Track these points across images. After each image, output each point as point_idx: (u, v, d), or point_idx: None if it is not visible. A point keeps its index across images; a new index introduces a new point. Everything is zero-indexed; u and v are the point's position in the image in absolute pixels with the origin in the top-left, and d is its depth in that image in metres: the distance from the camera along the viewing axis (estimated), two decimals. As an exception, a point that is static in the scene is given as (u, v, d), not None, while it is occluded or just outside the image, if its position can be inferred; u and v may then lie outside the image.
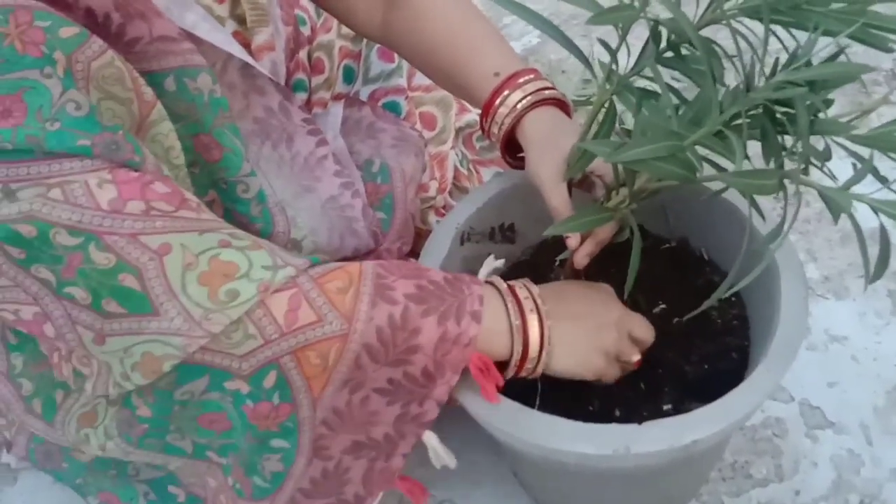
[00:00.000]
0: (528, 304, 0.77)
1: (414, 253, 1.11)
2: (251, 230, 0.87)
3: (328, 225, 0.95)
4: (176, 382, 0.71)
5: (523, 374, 0.79)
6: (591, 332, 0.80)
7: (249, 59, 0.84)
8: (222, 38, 0.81)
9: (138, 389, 0.71)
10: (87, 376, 0.73)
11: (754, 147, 0.67)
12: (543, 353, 0.77)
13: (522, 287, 0.79)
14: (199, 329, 0.67)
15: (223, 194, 0.86)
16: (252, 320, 0.69)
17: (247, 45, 0.87)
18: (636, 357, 0.82)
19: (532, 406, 0.83)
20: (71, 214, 0.65)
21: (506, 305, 0.77)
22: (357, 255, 1.01)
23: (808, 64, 0.62)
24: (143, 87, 0.73)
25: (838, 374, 1.12)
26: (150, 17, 0.74)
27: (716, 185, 0.79)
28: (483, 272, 0.83)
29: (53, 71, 0.65)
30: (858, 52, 0.68)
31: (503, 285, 0.79)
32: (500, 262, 0.86)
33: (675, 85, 0.70)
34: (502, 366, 0.78)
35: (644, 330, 0.83)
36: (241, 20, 0.86)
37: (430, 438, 0.79)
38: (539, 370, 0.78)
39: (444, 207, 1.19)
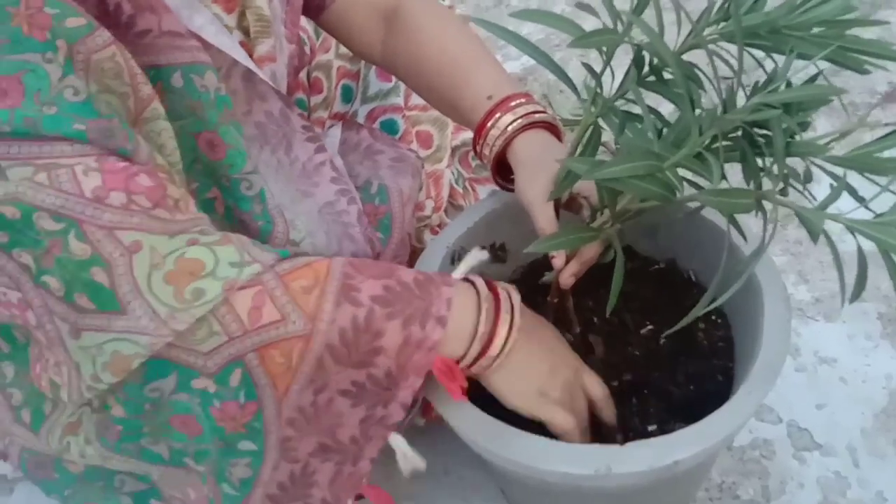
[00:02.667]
0: (505, 306, 0.77)
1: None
2: (252, 228, 0.89)
3: (325, 229, 0.96)
4: (144, 377, 0.71)
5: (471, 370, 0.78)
6: (544, 371, 0.80)
7: (252, 65, 0.85)
8: (228, 42, 0.83)
9: (111, 387, 0.72)
10: (60, 385, 0.73)
11: (739, 169, 0.68)
12: (495, 363, 0.77)
13: (504, 290, 0.79)
14: (164, 328, 0.68)
15: (225, 192, 0.87)
16: (216, 317, 0.69)
17: (250, 55, 0.89)
18: (570, 419, 0.79)
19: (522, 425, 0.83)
20: (55, 199, 0.65)
21: (479, 309, 0.76)
22: None
23: (790, 86, 0.64)
24: (140, 84, 0.74)
25: (827, 395, 1.13)
26: (160, 12, 0.75)
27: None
28: (463, 267, 0.82)
29: (55, 56, 0.66)
30: (851, 75, 0.69)
31: (483, 288, 0.78)
32: (485, 255, 0.84)
33: (667, 107, 0.71)
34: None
35: (597, 387, 0.84)
36: (246, 32, 0.88)
37: (397, 441, 0.79)
38: (482, 371, 0.78)
39: (439, 226, 1.20)
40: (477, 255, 0.83)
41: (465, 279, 0.81)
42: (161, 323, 0.68)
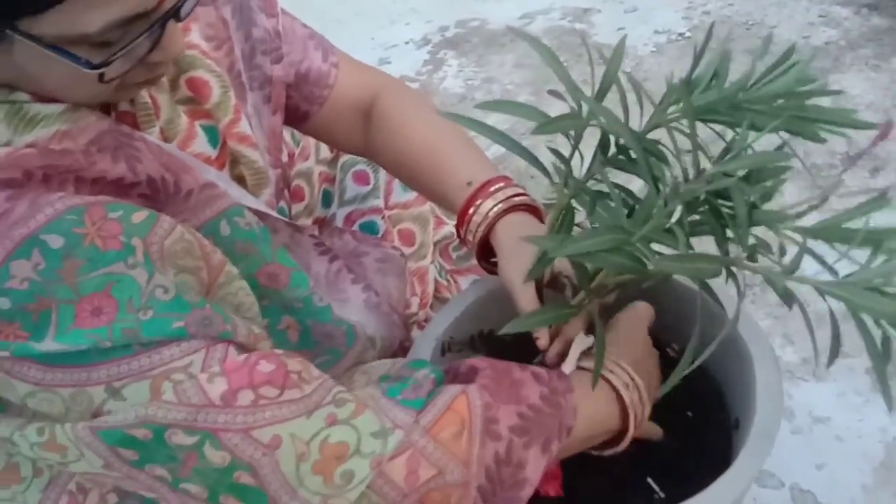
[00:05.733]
0: (629, 397, 0.81)
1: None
2: (338, 336, 0.90)
3: (376, 321, 0.99)
4: None
5: None
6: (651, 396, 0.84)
7: (264, 208, 0.88)
8: (237, 192, 0.85)
9: None
10: None
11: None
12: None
13: (634, 389, 0.81)
14: None
15: (299, 314, 0.88)
16: (374, 491, 0.69)
17: None
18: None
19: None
20: (186, 415, 0.65)
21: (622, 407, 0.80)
22: (402, 347, 1.05)
23: (753, 156, 0.66)
24: (210, 252, 0.74)
25: (825, 455, 1.13)
26: (190, 170, 0.77)
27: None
28: (573, 356, 0.83)
29: (136, 260, 0.66)
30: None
31: (627, 395, 0.81)
32: (590, 341, 0.84)
33: (639, 183, 0.73)
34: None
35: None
36: (239, 179, 0.91)
37: None
38: None
39: (425, 321, 1.20)
40: (584, 342, 0.84)
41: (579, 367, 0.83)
42: None
